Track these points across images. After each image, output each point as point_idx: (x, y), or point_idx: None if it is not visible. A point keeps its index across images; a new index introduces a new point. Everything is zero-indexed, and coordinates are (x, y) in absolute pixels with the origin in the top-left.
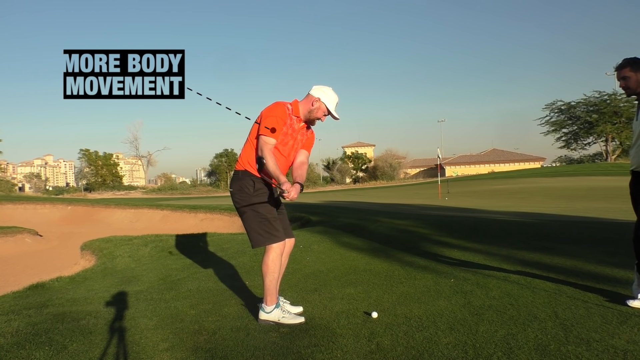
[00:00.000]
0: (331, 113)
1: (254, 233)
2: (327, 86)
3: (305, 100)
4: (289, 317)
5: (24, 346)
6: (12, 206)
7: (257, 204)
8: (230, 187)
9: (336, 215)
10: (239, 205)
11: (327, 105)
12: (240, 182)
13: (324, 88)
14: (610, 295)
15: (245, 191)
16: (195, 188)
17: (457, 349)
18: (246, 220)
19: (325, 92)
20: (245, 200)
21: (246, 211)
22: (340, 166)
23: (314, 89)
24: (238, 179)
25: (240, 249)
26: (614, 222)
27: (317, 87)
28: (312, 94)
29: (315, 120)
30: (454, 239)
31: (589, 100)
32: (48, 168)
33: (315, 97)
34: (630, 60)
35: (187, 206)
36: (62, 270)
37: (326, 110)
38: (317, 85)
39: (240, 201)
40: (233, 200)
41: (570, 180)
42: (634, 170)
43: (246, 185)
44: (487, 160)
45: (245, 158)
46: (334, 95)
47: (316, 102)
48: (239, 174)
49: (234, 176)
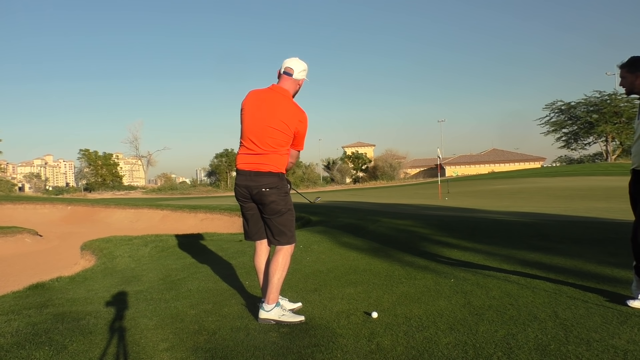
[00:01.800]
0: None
1: (292, 231)
2: (298, 62)
3: (290, 84)
4: (289, 315)
5: (24, 346)
6: (12, 206)
7: (292, 206)
8: (267, 186)
9: (336, 215)
10: (281, 207)
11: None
12: (282, 182)
13: (300, 66)
14: (610, 295)
15: (285, 190)
16: (195, 188)
17: (457, 349)
18: (285, 219)
19: (306, 69)
20: (287, 201)
21: (286, 212)
22: (340, 166)
23: (293, 70)
24: (279, 180)
25: (240, 249)
26: (614, 222)
27: (295, 67)
28: (297, 78)
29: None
30: (454, 239)
31: (589, 100)
32: (48, 168)
33: (300, 79)
34: (629, 61)
35: (187, 206)
36: (62, 270)
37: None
38: (290, 63)
39: (281, 201)
40: (269, 200)
41: (570, 180)
42: (634, 169)
43: (286, 187)
44: (487, 160)
45: (280, 161)
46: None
47: (302, 83)
48: (279, 176)
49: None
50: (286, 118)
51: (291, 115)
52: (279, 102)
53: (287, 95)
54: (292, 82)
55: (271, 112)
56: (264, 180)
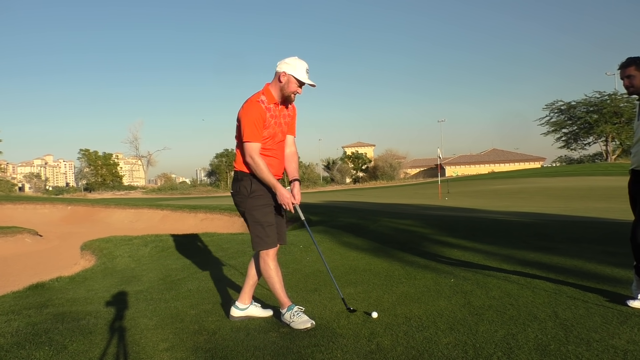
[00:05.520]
0: (303, 81)
1: (252, 235)
2: (290, 57)
3: (274, 80)
4: (299, 321)
5: (24, 346)
6: (12, 206)
7: (254, 206)
8: (231, 188)
9: (336, 215)
10: (239, 208)
11: (295, 75)
12: (239, 183)
13: (286, 60)
14: (610, 295)
15: (242, 193)
16: (195, 188)
17: (457, 349)
18: (247, 222)
19: (289, 62)
20: (242, 202)
21: (244, 213)
22: (340, 166)
23: (277, 64)
24: (237, 180)
25: (240, 249)
26: (614, 222)
27: (280, 62)
28: (277, 70)
29: (292, 95)
30: (454, 239)
31: (589, 100)
32: (48, 168)
33: (280, 72)
34: (635, 59)
35: (187, 206)
36: (62, 270)
37: (296, 81)
38: (280, 60)
39: (239, 203)
40: (234, 202)
41: (570, 180)
42: (634, 169)
43: (244, 187)
44: (487, 160)
45: (238, 158)
46: (300, 62)
47: (283, 77)
48: (238, 175)
49: (234, 177)
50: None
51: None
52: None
53: (256, 94)
54: (275, 76)
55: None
56: (233, 182)
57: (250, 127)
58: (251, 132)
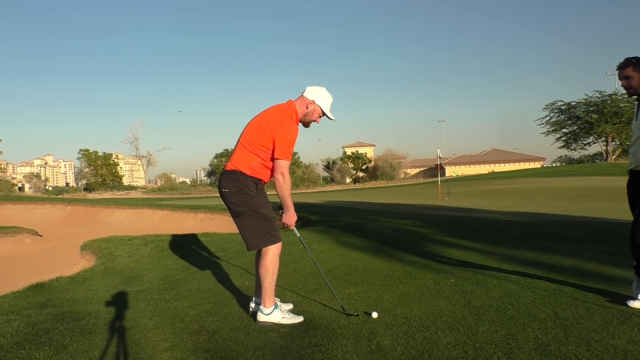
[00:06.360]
0: (326, 114)
1: (254, 234)
2: (320, 87)
3: (300, 102)
4: (289, 317)
5: (24, 346)
6: (12, 206)
7: (262, 204)
8: (225, 187)
9: (336, 215)
10: (239, 207)
11: (322, 107)
12: (239, 182)
13: (317, 89)
14: (610, 295)
15: (246, 192)
16: (195, 188)
17: (457, 349)
18: (244, 221)
19: (320, 93)
20: (246, 201)
21: (246, 212)
22: (340, 166)
23: (307, 90)
24: (236, 179)
25: (240, 249)
26: (614, 222)
27: (311, 89)
28: (306, 97)
29: (311, 122)
30: (454, 239)
31: (589, 100)
32: (48, 168)
33: (309, 100)
34: (633, 60)
35: (187, 206)
36: (62, 270)
37: (321, 112)
38: (310, 87)
39: (239, 202)
40: (229, 201)
41: (570, 180)
42: (632, 169)
43: (247, 187)
44: (487, 160)
45: (244, 161)
46: (328, 95)
47: (311, 105)
48: (236, 174)
49: (230, 176)
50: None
51: (272, 117)
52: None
53: (284, 106)
54: (301, 100)
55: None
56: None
57: (288, 146)
58: (289, 150)
